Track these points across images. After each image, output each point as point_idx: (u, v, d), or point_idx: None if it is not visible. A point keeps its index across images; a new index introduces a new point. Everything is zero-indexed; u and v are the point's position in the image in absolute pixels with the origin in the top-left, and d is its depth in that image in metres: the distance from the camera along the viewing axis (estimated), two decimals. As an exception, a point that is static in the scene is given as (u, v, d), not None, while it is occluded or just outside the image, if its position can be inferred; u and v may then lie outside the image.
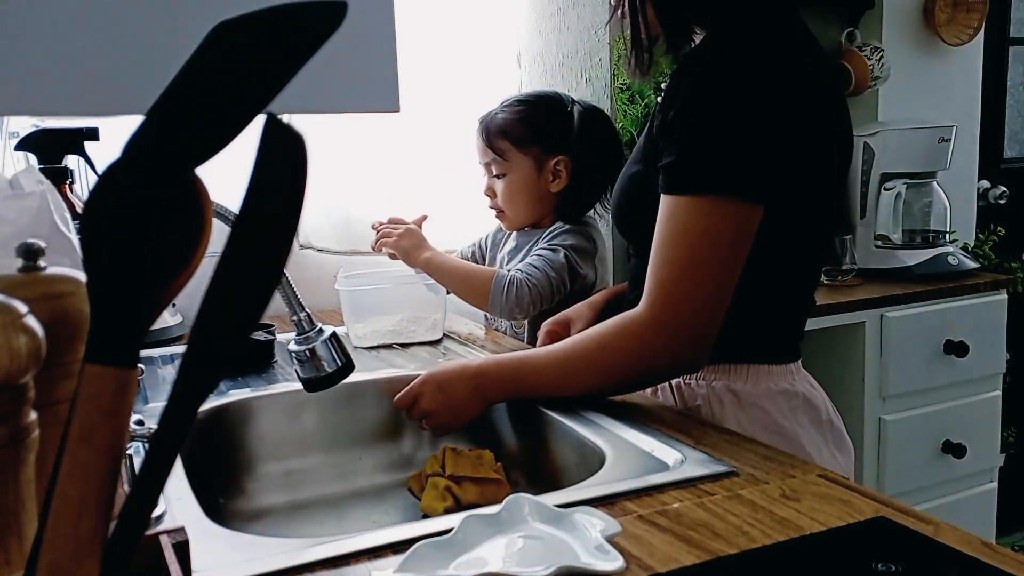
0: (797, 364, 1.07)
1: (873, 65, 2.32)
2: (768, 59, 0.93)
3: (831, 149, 1.00)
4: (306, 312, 0.99)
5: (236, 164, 0.40)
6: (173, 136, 0.37)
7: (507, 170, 1.53)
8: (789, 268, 1.03)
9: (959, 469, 2.17)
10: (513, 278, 1.44)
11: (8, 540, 0.43)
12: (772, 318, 1.05)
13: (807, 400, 1.04)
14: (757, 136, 0.90)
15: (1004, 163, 2.89)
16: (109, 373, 0.37)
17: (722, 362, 1.03)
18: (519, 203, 1.54)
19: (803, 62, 0.95)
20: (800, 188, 0.97)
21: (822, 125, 0.97)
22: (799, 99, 0.93)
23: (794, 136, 0.93)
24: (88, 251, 0.38)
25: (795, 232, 1.00)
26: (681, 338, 0.93)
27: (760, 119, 0.90)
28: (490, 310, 1.46)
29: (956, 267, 2.21)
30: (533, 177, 1.52)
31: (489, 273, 1.47)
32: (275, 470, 1.16)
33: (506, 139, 1.51)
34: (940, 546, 0.65)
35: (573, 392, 1.02)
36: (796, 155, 0.94)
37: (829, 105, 0.99)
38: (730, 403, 1.03)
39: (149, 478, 0.37)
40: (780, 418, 1.02)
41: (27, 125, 1.38)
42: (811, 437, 1.03)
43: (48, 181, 0.90)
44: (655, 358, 0.95)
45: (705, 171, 0.91)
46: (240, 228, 0.36)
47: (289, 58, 0.35)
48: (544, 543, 0.67)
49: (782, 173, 0.93)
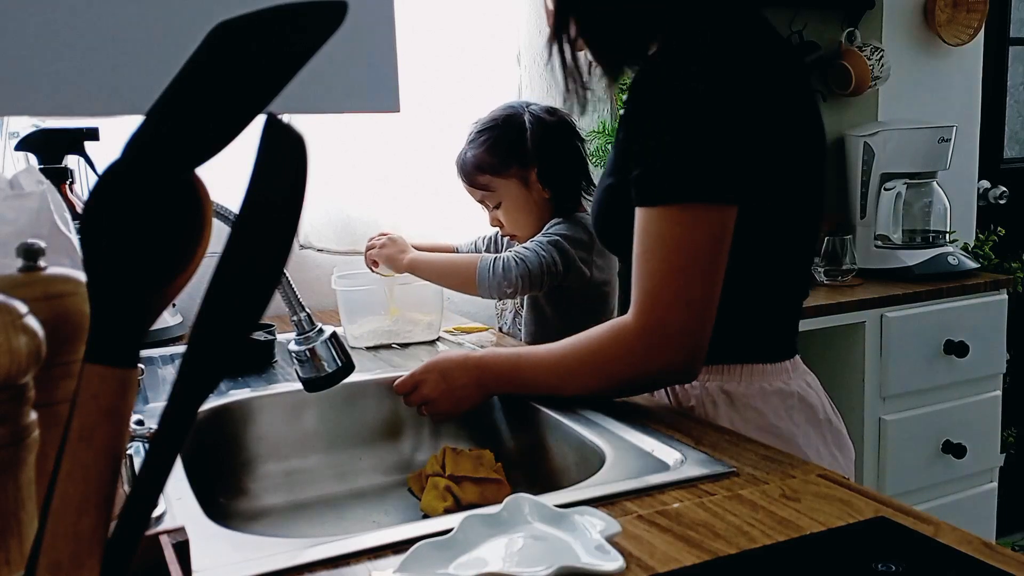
0: (793, 361, 1.07)
1: (873, 65, 2.32)
2: (720, 61, 0.92)
3: (798, 140, 0.99)
4: (306, 312, 0.99)
5: (236, 164, 0.40)
6: (173, 136, 0.37)
7: (500, 199, 1.56)
8: (775, 264, 1.03)
9: (959, 469, 2.17)
10: (499, 256, 1.47)
11: (8, 540, 0.43)
12: (762, 317, 1.04)
13: (803, 399, 1.04)
14: (718, 139, 0.90)
15: (1004, 163, 2.89)
16: (109, 373, 0.37)
17: (715, 362, 1.02)
18: (523, 222, 1.58)
19: (758, 59, 0.94)
20: (773, 182, 0.96)
21: (784, 118, 0.96)
22: (756, 96, 0.92)
23: (756, 132, 0.92)
24: (88, 251, 0.38)
25: (777, 227, 1.00)
26: (670, 345, 0.93)
27: (718, 121, 0.90)
28: (479, 290, 1.47)
29: (956, 267, 2.21)
30: (524, 195, 1.56)
31: (472, 258, 1.49)
32: (275, 470, 1.16)
33: (484, 173, 1.55)
34: (940, 546, 0.65)
35: (569, 392, 1.03)
36: (761, 151, 0.93)
37: (790, 97, 0.98)
38: (723, 403, 1.02)
39: (149, 478, 0.37)
40: (775, 418, 1.01)
41: (27, 125, 1.38)
42: (808, 437, 1.02)
43: (48, 181, 0.91)
44: (645, 365, 0.95)
45: (670, 181, 0.91)
46: (240, 228, 0.36)
47: (289, 58, 0.35)
48: (544, 543, 0.67)
49: (750, 170, 0.92)
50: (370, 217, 1.88)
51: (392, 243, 1.52)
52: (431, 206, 1.94)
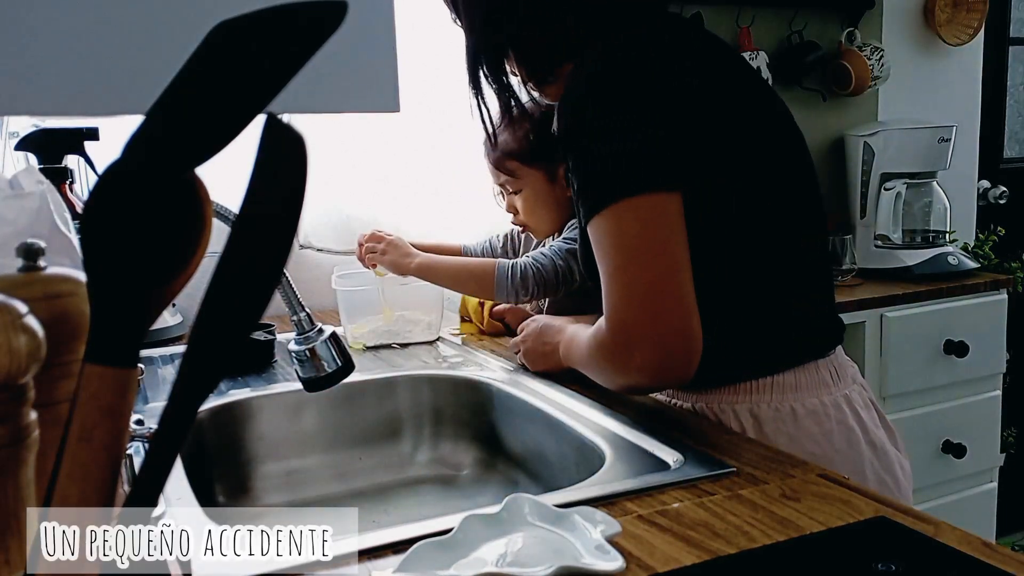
0: (832, 363, 1.00)
1: (873, 65, 2.32)
2: (623, 59, 0.92)
3: (739, 115, 0.96)
4: (306, 312, 0.99)
5: (236, 164, 0.40)
6: (173, 136, 0.37)
7: (521, 186, 1.54)
8: (768, 258, 0.97)
9: (959, 469, 2.17)
10: (517, 263, 1.45)
11: (8, 540, 0.43)
12: (771, 317, 0.98)
13: (841, 423, 0.96)
14: (631, 133, 0.88)
15: (1004, 163, 2.89)
16: (109, 373, 0.37)
17: (741, 380, 0.97)
18: (540, 214, 1.56)
19: (664, 45, 0.94)
20: (721, 163, 0.93)
21: (713, 100, 0.94)
22: (666, 82, 0.91)
23: (677, 115, 0.90)
24: (88, 251, 0.38)
25: (754, 215, 0.95)
26: (641, 344, 0.87)
27: (628, 117, 0.89)
28: (496, 295, 1.47)
29: (956, 267, 2.21)
30: (548, 188, 1.54)
31: (488, 263, 1.48)
32: (275, 470, 1.16)
33: (513, 159, 1.53)
34: (940, 546, 0.65)
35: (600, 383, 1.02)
36: (691, 130, 0.91)
37: (719, 80, 0.96)
38: (752, 429, 0.96)
39: (149, 478, 0.37)
40: (811, 445, 0.95)
41: (27, 125, 1.38)
42: (848, 462, 0.95)
43: (48, 181, 0.90)
44: (625, 366, 0.90)
45: (598, 186, 0.90)
46: (240, 228, 0.36)
47: (289, 58, 0.35)
48: (544, 543, 0.67)
49: (681, 153, 0.90)
50: (370, 217, 1.88)
51: (393, 248, 1.49)
52: (431, 206, 1.94)
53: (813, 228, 1.03)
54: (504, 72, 1.08)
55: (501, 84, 1.09)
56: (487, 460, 1.20)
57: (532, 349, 1.21)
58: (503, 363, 1.30)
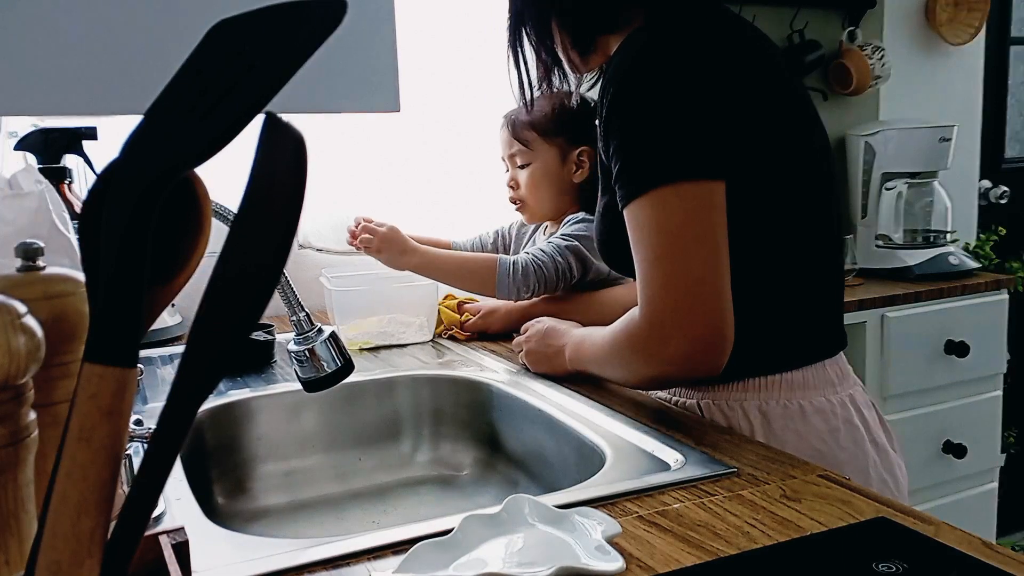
0: (835, 364, 1.00)
1: (874, 64, 2.32)
2: (676, 43, 0.91)
3: (780, 114, 0.96)
4: (306, 312, 0.99)
5: (236, 164, 0.40)
6: (173, 136, 0.37)
7: (531, 159, 1.53)
8: (788, 257, 0.97)
9: (959, 469, 2.17)
10: (518, 259, 1.45)
11: (8, 540, 0.43)
12: (787, 316, 0.98)
13: (847, 421, 0.97)
14: (681, 118, 0.88)
15: (1005, 163, 2.89)
16: (109, 373, 0.37)
17: (750, 375, 0.97)
18: (542, 193, 1.55)
19: (718, 35, 0.93)
20: (759, 155, 0.93)
21: (757, 93, 0.93)
22: (719, 71, 0.91)
23: (723, 107, 0.90)
24: (88, 251, 0.38)
25: (782, 212, 0.95)
26: (675, 334, 0.88)
27: (679, 101, 0.88)
28: (497, 292, 1.46)
29: (957, 267, 2.21)
30: (557, 167, 1.53)
31: (489, 259, 1.47)
32: (275, 470, 1.16)
33: (533, 130, 1.53)
34: (940, 546, 0.65)
35: (617, 382, 1.05)
36: (733, 124, 0.90)
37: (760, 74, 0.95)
38: (760, 426, 0.96)
39: (149, 478, 0.37)
40: (818, 443, 0.95)
41: (26, 125, 1.38)
42: (856, 460, 0.96)
43: (47, 181, 0.90)
44: (659, 357, 0.90)
45: (643, 169, 0.89)
46: (240, 228, 0.36)
47: (288, 57, 0.35)
48: (544, 543, 0.67)
49: (720, 144, 0.89)
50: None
51: (389, 244, 1.46)
52: (431, 206, 1.94)
53: (831, 229, 1.03)
54: (550, 35, 1.06)
55: (547, 47, 1.07)
56: (487, 460, 1.20)
57: (535, 350, 1.21)
58: (503, 363, 1.30)
